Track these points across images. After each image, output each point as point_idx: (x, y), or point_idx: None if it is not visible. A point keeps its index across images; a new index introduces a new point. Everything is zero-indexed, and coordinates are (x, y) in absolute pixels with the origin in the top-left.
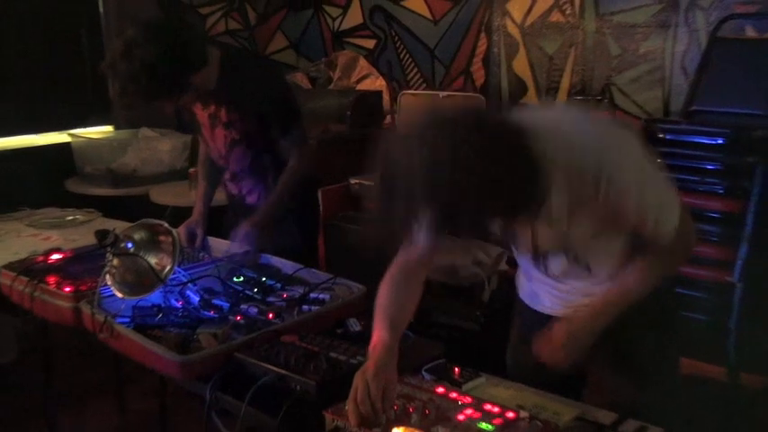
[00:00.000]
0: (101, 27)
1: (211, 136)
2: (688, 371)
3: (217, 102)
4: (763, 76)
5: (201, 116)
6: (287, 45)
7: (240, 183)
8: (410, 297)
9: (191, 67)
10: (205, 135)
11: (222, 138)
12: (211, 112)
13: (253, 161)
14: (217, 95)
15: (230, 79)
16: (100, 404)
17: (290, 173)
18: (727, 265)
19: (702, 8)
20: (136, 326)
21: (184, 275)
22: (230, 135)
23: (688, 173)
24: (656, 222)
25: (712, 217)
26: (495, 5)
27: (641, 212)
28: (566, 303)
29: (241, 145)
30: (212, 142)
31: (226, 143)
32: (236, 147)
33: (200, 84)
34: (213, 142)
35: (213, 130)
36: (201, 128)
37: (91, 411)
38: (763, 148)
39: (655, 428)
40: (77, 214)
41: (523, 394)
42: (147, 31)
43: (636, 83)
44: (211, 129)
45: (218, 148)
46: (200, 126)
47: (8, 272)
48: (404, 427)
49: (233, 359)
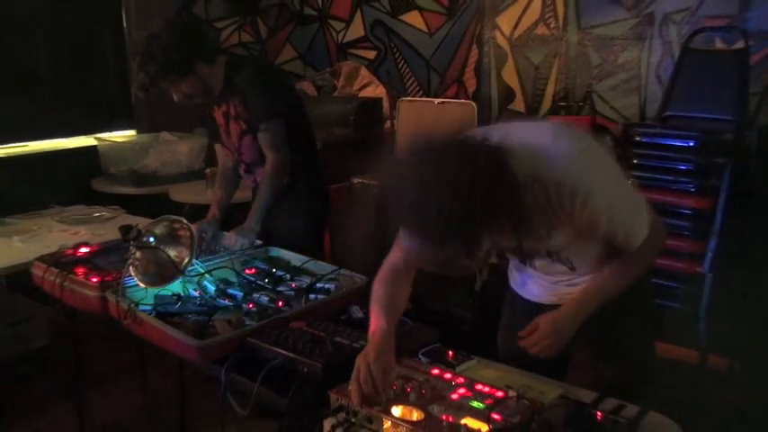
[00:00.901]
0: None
1: (227, 132)
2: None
3: (226, 99)
4: (731, 85)
5: (219, 117)
6: (295, 56)
7: (254, 173)
8: (400, 294)
9: (199, 55)
10: (223, 136)
11: (236, 130)
12: (225, 110)
13: (261, 151)
14: (225, 93)
15: (234, 76)
16: (124, 385)
17: (266, 182)
18: (698, 257)
19: (675, 22)
20: (157, 313)
21: (201, 267)
22: (240, 126)
23: (662, 173)
24: (626, 235)
25: (684, 213)
26: (485, 19)
27: (612, 226)
28: (553, 292)
29: (249, 134)
30: (228, 139)
31: (238, 135)
32: (245, 137)
33: (205, 77)
34: (229, 138)
35: (228, 126)
36: (220, 129)
37: (116, 392)
38: (731, 149)
39: (632, 406)
40: (103, 211)
41: (512, 375)
42: (169, 24)
43: (614, 90)
44: (227, 125)
45: (233, 142)
46: (219, 128)
47: (40, 264)
48: (402, 406)
49: (246, 344)
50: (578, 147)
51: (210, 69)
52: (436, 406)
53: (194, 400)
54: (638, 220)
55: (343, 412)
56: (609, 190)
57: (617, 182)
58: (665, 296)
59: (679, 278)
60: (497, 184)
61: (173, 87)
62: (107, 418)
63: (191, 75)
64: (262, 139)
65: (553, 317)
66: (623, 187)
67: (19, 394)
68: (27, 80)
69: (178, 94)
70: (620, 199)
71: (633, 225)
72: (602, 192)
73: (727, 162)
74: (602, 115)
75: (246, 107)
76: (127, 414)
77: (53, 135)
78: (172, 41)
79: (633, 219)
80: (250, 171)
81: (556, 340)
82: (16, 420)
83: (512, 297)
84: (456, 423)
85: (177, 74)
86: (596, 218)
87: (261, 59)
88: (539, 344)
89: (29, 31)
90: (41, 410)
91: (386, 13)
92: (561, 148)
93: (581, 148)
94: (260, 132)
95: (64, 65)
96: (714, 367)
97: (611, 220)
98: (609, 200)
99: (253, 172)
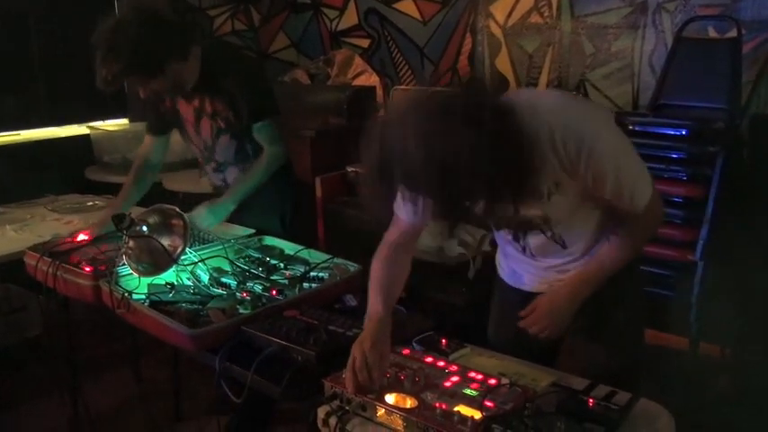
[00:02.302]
0: None
1: (196, 129)
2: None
3: (201, 94)
4: (724, 73)
5: (185, 111)
6: (288, 44)
7: (224, 172)
8: (401, 271)
9: (170, 54)
10: (188, 130)
11: (208, 128)
12: (196, 106)
13: (237, 150)
14: (200, 88)
15: (212, 71)
16: (118, 374)
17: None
18: (690, 246)
19: (668, 11)
20: (150, 302)
21: (195, 256)
22: (216, 124)
23: (655, 161)
24: (631, 194)
25: (676, 201)
26: (479, 8)
27: (619, 183)
28: (542, 280)
29: (226, 134)
30: (197, 136)
31: (212, 133)
32: (221, 136)
33: (175, 76)
34: (198, 136)
35: (199, 122)
36: (185, 123)
37: (110, 381)
38: (723, 138)
39: (623, 393)
40: (96, 200)
41: (504, 363)
42: (138, 13)
43: (608, 79)
44: (197, 121)
45: (203, 139)
46: (183, 122)
47: (33, 253)
48: (396, 393)
49: (240, 332)
50: (585, 105)
51: (183, 65)
52: (429, 393)
53: (188, 388)
54: (642, 179)
55: (337, 400)
56: (615, 145)
57: (623, 141)
58: (656, 284)
59: (671, 266)
60: (502, 137)
61: (139, 85)
62: (101, 406)
63: (160, 75)
64: (258, 136)
65: (551, 297)
66: (629, 147)
67: (13, 383)
68: (20, 69)
69: (144, 92)
70: (625, 156)
71: (638, 183)
72: (608, 144)
73: (719, 151)
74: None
75: (234, 107)
76: (121, 402)
77: (46, 124)
78: (141, 37)
79: (638, 177)
80: (220, 170)
81: (555, 320)
82: (10, 409)
83: (500, 287)
84: (449, 410)
85: (145, 74)
86: (603, 171)
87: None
88: (538, 324)
89: (22, 20)
90: (35, 399)
91: (380, 2)
92: (568, 103)
93: (587, 107)
94: (254, 131)
95: (56, 53)
96: (705, 355)
97: (617, 177)
98: (615, 154)
99: (224, 171)
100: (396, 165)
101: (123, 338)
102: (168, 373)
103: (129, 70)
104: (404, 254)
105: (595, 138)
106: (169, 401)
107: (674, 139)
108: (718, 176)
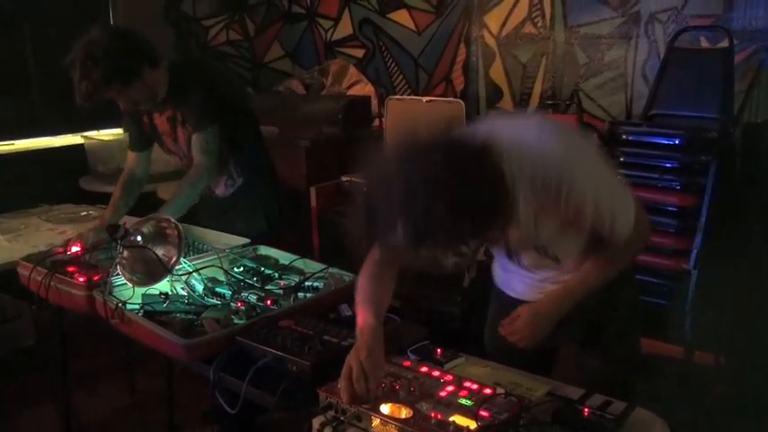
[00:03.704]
0: None
1: (174, 138)
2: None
3: (171, 104)
4: (716, 83)
5: (161, 124)
6: (283, 54)
7: None
8: (385, 289)
9: (144, 59)
10: (167, 141)
11: (183, 135)
12: (169, 115)
13: None
14: (169, 99)
15: (177, 81)
16: (111, 384)
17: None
18: (684, 254)
19: (661, 21)
20: (145, 312)
21: (189, 266)
22: (187, 131)
23: (648, 170)
24: (611, 224)
25: (670, 210)
26: (473, 18)
27: (598, 216)
28: (537, 290)
29: None
30: (176, 145)
31: (186, 140)
32: None
33: (151, 83)
34: (177, 144)
35: (175, 132)
36: (162, 136)
37: (103, 391)
38: (716, 147)
39: (618, 402)
40: (90, 210)
41: (500, 372)
42: (106, 29)
43: (601, 89)
44: (173, 131)
45: (181, 147)
46: (161, 135)
47: (26, 263)
48: (391, 403)
49: (234, 342)
50: (563, 139)
51: (155, 74)
52: (425, 403)
53: (182, 399)
54: (624, 210)
55: (332, 410)
56: (594, 178)
57: (602, 172)
58: (650, 293)
59: (665, 275)
60: (484, 185)
61: (118, 96)
62: (94, 416)
63: (137, 81)
64: (194, 143)
65: (535, 307)
66: (609, 177)
67: (6, 393)
68: (15, 78)
69: (125, 103)
70: (605, 187)
71: (619, 215)
72: (587, 179)
73: (711, 160)
74: (589, 113)
75: (186, 112)
76: (114, 413)
77: (40, 133)
78: (116, 46)
79: (619, 208)
80: None
81: (536, 330)
82: (3, 420)
83: (497, 294)
84: (444, 420)
85: (123, 81)
86: (582, 206)
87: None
88: (518, 332)
89: (16, 29)
90: (28, 410)
91: (374, 12)
92: (546, 141)
93: (565, 141)
94: (194, 136)
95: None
96: (700, 363)
97: (597, 208)
98: (594, 188)
99: None
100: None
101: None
102: (162, 384)
103: (108, 79)
104: (390, 270)
105: (573, 177)
106: (163, 412)
107: (667, 148)
108: (712, 185)
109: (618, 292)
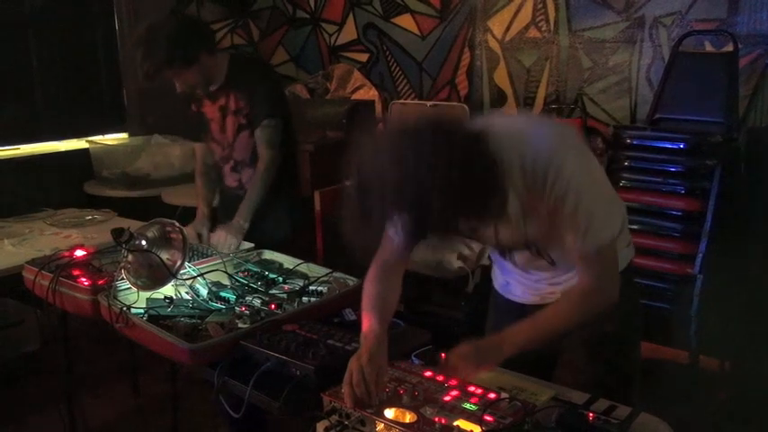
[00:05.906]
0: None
1: (221, 127)
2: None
3: (226, 93)
4: (721, 87)
5: (210, 112)
6: (287, 59)
7: (241, 172)
8: (392, 292)
9: (203, 43)
10: (215, 130)
11: (232, 124)
12: (222, 104)
13: (254, 150)
14: (226, 88)
15: (237, 72)
16: (116, 388)
17: (258, 180)
18: (689, 259)
19: (665, 25)
20: (149, 316)
21: (194, 270)
22: (238, 120)
23: (653, 175)
24: (585, 230)
25: (675, 215)
26: (477, 22)
27: (575, 214)
28: (534, 292)
29: (247, 130)
30: (222, 135)
31: (234, 129)
32: (242, 132)
33: (207, 68)
34: (223, 134)
35: (224, 121)
36: (210, 123)
37: (108, 395)
38: (720, 151)
39: (623, 407)
40: (95, 214)
41: (504, 377)
42: (168, 16)
43: (605, 93)
44: (222, 119)
45: (227, 137)
46: (209, 122)
47: (31, 267)
48: (395, 408)
49: (239, 346)
50: (556, 131)
51: (214, 61)
52: (429, 408)
53: (187, 403)
54: (603, 226)
55: (336, 415)
56: (583, 178)
57: (594, 177)
58: (655, 297)
59: (669, 279)
60: (473, 166)
61: (176, 77)
62: (99, 421)
63: (195, 65)
64: (260, 134)
65: (477, 343)
66: (600, 187)
67: (11, 398)
68: (19, 83)
69: (181, 85)
70: (592, 193)
71: (594, 222)
72: (574, 174)
73: (716, 164)
74: (593, 118)
75: (251, 102)
76: (119, 417)
77: (45, 138)
78: (177, 31)
79: (598, 219)
80: (237, 170)
81: (474, 365)
82: (8, 424)
83: (496, 298)
84: (449, 425)
85: (183, 63)
86: (564, 195)
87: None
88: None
89: (21, 33)
90: (33, 414)
91: (378, 16)
92: (540, 130)
93: (559, 132)
94: (259, 128)
95: (56, 68)
96: (705, 368)
97: (577, 206)
98: (580, 185)
99: (240, 171)
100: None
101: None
102: (167, 388)
103: (168, 60)
104: (394, 275)
105: (562, 166)
106: (167, 416)
107: (671, 152)
108: (716, 190)
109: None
